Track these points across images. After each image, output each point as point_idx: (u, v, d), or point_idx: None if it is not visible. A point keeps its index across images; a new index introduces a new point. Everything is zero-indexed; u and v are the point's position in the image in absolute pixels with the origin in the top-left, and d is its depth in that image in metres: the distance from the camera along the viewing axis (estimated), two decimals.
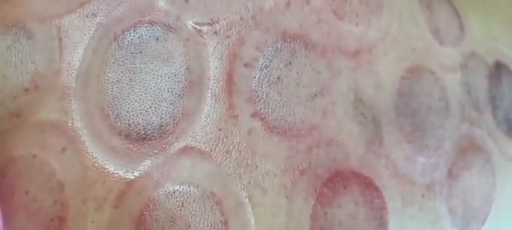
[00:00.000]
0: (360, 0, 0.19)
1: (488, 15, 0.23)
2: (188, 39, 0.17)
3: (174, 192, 0.16)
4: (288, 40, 0.18)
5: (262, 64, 0.17)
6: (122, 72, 0.16)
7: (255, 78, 0.17)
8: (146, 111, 0.16)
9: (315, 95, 0.17)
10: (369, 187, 0.17)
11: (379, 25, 0.19)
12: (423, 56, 0.20)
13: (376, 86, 0.18)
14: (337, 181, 0.17)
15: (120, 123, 0.16)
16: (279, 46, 0.17)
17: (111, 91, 0.16)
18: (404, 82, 0.19)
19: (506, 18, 0.24)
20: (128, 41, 0.16)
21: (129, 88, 0.16)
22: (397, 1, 0.20)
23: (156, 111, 0.16)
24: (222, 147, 0.16)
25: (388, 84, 0.19)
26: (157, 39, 0.16)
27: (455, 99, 0.20)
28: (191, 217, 0.16)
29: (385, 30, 0.19)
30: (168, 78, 0.16)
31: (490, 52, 0.22)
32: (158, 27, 0.17)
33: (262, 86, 0.17)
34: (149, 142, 0.16)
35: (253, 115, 0.17)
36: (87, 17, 0.16)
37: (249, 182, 0.16)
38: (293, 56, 0.18)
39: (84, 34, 0.16)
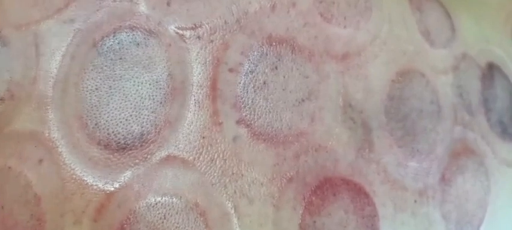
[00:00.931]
0: (348, 3, 0.19)
1: (479, 16, 0.23)
2: (170, 44, 0.16)
3: (156, 204, 0.15)
4: (274, 44, 0.17)
5: (248, 69, 0.17)
6: (101, 79, 0.16)
7: (240, 83, 0.16)
8: (126, 120, 0.15)
9: (303, 100, 0.17)
10: (359, 193, 0.17)
11: (368, 27, 0.19)
12: (414, 59, 0.20)
13: (366, 90, 0.18)
14: (326, 189, 0.16)
15: (99, 133, 0.15)
16: (265, 50, 0.17)
17: (90, 99, 0.15)
18: (394, 85, 0.18)
19: (498, 19, 0.24)
20: (107, 47, 0.16)
21: (109, 96, 0.15)
22: (387, 3, 0.20)
23: (136, 119, 0.15)
24: (206, 156, 0.16)
25: (378, 88, 0.18)
26: (138, 44, 0.16)
27: (447, 102, 0.20)
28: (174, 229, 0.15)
29: (374, 32, 0.19)
30: (150, 84, 0.16)
31: (482, 53, 0.22)
32: (139, 33, 0.16)
33: (247, 92, 0.16)
34: (130, 152, 0.15)
35: (239, 122, 0.16)
36: (64, 22, 0.16)
37: (235, 192, 0.16)
38: (279, 60, 0.17)
39: (62, 40, 0.16)
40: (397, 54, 0.19)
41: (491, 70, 0.22)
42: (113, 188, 0.15)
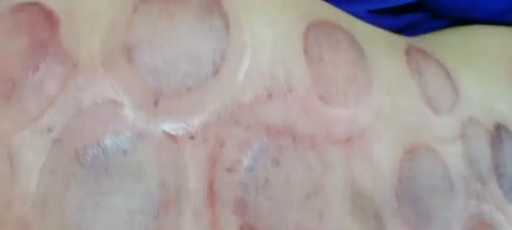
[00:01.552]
0: (347, 79, 0.17)
1: (480, 69, 0.22)
2: (160, 148, 0.15)
3: None
4: (273, 135, 0.16)
5: (247, 166, 0.15)
6: (85, 195, 0.14)
7: (239, 183, 0.15)
8: None
9: (309, 196, 0.15)
10: None
11: (369, 103, 0.17)
12: (419, 132, 0.18)
13: (374, 174, 0.17)
14: None
15: None
16: (264, 143, 0.15)
17: (75, 219, 0.14)
18: (403, 165, 0.17)
19: (500, 69, 0.23)
20: (91, 158, 0.14)
21: (95, 214, 0.14)
22: (385, 71, 0.19)
23: None
24: None
25: (386, 171, 0.17)
26: (125, 152, 0.14)
27: (458, 175, 0.18)
28: None
29: (376, 108, 0.17)
30: (140, 196, 0.14)
31: (488, 114, 0.20)
32: (125, 138, 0.14)
33: (248, 192, 0.15)
34: None
35: (241, 228, 0.15)
36: (41, 133, 0.14)
37: None
38: (280, 152, 0.16)
39: (39, 154, 0.14)
40: (402, 129, 0.18)
41: (499, 132, 0.20)
42: None
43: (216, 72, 0.15)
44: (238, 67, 0.16)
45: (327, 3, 0.20)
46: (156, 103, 0.15)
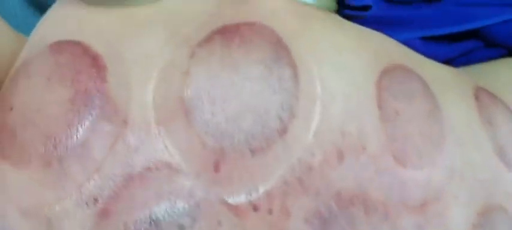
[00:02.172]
0: (422, 135, 0.15)
1: None
2: (221, 222, 0.13)
3: None
4: (344, 204, 0.14)
5: None
6: None
7: None
8: None
9: None
10: None
11: (443, 161, 0.16)
12: (492, 191, 0.17)
13: None
14: None
15: None
16: (334, 214, 0.14)
17: None
18: None
19: None
20: None
21: None
22: (457, 121, 0.17)
23: None
24: None
25: None
26: (181, 227, 0.12)
27: None
28: None
29: (450, 166, 0.16)
30: None
31: None
32: (181, 210, 0.12)
33: None
34: None
35: None
36: (86, 203, 0.12)
37: None
38: (351, 224, 0.14)
39: (84, 227, 0.12)
40: (475, 188, 0.16)
41: None
42: None
43: (283, 131, 0.13)
44: (307, 124, 0.14)
45: (394, 40, 0.18)
46: (216, 169, 0.13)
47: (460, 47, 0.25)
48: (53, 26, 0.14)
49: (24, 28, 0.15)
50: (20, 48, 0.15)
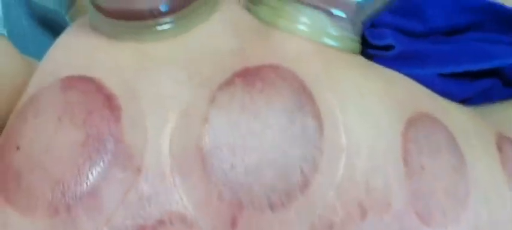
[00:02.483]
0: (446, 192, 0.15)
1: None
2: None
3: None
4: None
5: None
6: None
7: None
8: None
9: None
10: None
11: (467, 219, 0.15)
12: None
13: None
14: None
15: None
16: None
17: None
18: None
19: None
20: None
21: None
22: (482, 175, 0.16)
23: None
24: None
25: None
26: None
27: None
28: None
29: (474, 224, 0.15)
30: None
31: None
32: None
33: None
34: None
35: None
36: None
37: None
38: None
39: None
40: None
41: None
42: None
43: (305, 185, 0.13)
44: (331, 179, 0.13)
45: (418, 84, 0.17)
46: (233, 225, 0.12)
47: (478, 85, 0.24)
48: (63, 57, 0.13)
49: (34, 48, 0.14)
50: (29, 74, 0.14)
